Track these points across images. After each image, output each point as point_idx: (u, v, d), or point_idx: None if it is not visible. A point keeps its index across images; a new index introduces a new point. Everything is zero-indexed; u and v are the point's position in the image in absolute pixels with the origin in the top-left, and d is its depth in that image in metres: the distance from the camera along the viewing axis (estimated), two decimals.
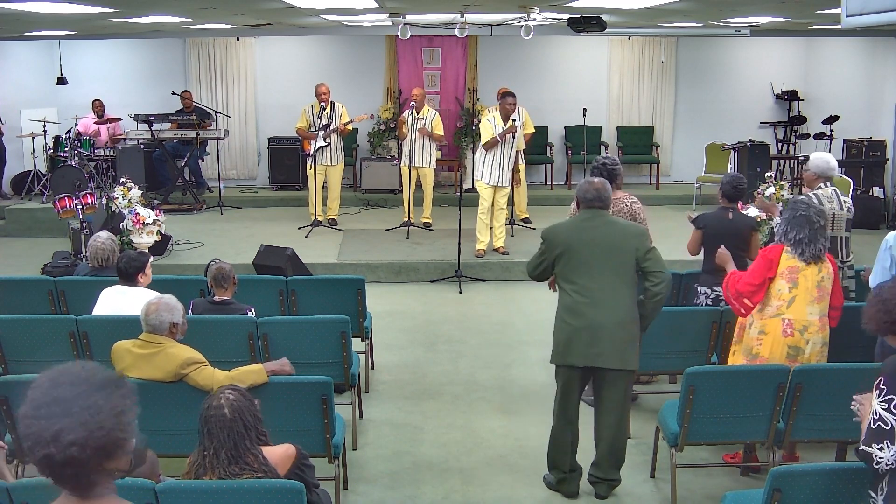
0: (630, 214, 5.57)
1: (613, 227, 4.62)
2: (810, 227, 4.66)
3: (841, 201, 5.64)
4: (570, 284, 4.56)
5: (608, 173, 5.56)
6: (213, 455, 3.16)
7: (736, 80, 13.61)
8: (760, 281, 4.71)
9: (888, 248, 4.86)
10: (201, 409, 3.23)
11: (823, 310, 4.71)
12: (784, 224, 4.77)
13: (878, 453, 2.94)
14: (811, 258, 4.65)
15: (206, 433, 3.18)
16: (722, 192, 5.81)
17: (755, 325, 4.79)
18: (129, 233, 8.75)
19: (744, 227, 5.75)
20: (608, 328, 4.48)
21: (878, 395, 2.99)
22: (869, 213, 10.82)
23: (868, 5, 3.10)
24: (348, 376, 5.29)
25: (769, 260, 4.71)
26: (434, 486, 4.89)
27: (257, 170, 13.57)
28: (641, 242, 4.58)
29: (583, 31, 8.99)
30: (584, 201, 4.66)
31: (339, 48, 13.29)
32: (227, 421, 3.14)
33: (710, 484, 4.88)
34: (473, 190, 11.27)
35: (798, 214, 4.72)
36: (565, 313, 4.58)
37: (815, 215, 4.70)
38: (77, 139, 11.48)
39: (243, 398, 3.24)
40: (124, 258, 5.29)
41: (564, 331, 4.57)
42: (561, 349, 4.60)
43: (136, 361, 4.19)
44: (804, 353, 4.64)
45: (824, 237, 4.72)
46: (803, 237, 4.66)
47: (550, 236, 4.67)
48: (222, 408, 3.17)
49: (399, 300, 8.57)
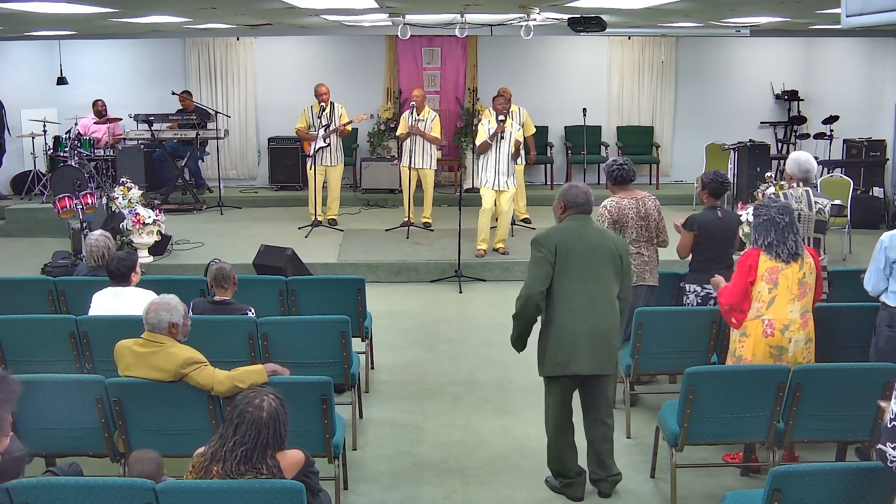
0: (658, 213, 5.86)
1: (603, 232, 4.67)
2: (775, 228, 4.64)
3: (811, 202, 5.53)
4: (569, 290, 4.47)
5: (626, 174, 5.81)
6: (230, 449, 3.17)
7: (736, 80, 13.61)
8: (742, 288, 4.69)
9: (883, 248, 4.85)
10: (238, 399, 3.26)
11: (805, 306, 4.70)
12: (753, 232, 4.79)
13: (891, 452, 2.95)
14: (788, 257, 4.63)
15: (234, 426, 3.19)
16: (708, 191, 5.81)
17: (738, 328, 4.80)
18: (129, 233, 8.75)
19: (734, 224, 5.84)
20: (607, 333, 4.49)
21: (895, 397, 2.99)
22: (869, 213, 10.81)
23: (868, 5, 3.10)
24: (348, 376, 5.29)
25: (747, 266, 4.69)
26: (434, 486, 4.89)
27: (257, 170, 13.56)
28: (626, 255, 4.64)
29: (583, 31, 8.99)
30: (575, 206, 4.58)
31: (339, 48, 13.28)
32: (260, 423, 3.18)
33: (710, 484, 4.87)
34: (473, 190, 11.30)
35: (762, 220, 4.71)
36: (564, 320, 4.47)
37: (777, 215, 4.66)
38: (77, 139, 11.48)
39: (282, 406, 3.27)
40: (114, 260, 5.26)
41: (565, 339, 4.47)
42: (562, 359, 4.50)
43: (137, 360, 4.19)
44: (788, 351, 4.64)
45: (794, 232, 4.67)
46: (772, 240, 4.64)
47: (550, 239, 4.51)
48: (262, 409, 3.19)
49: (399, 300, 8.57)
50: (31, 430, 4.21)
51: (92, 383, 4.27)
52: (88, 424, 4.27)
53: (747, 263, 4.70)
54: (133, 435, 4.33)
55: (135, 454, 3.65)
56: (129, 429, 4.31)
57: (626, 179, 5.84)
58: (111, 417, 4.29)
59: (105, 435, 4.30)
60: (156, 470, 3.47)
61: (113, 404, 4.25)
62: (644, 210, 5.80)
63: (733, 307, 4.73)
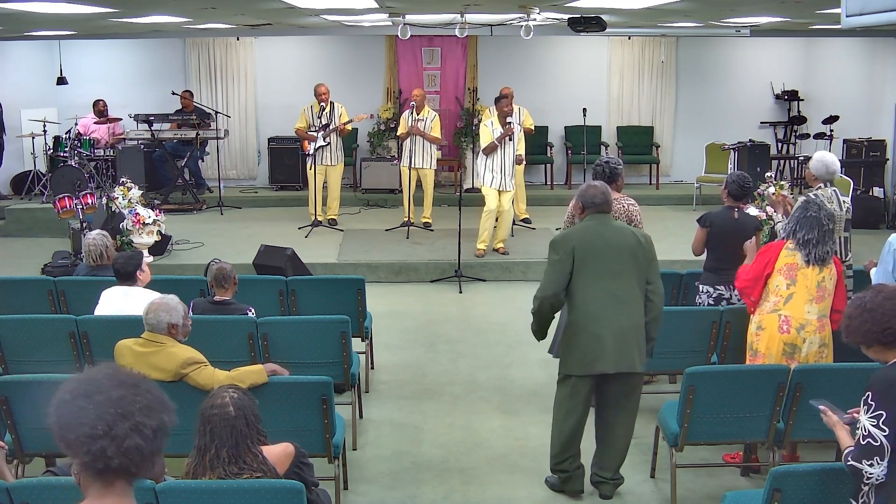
0: (627, 216, 5.50)
1: (624, 230, 4.61)
2: (819, 228, 4.65)
3: (840, 201, 5.58)
4: (591, 290, 4.47)
5: (610, 172, 5.56)
6: (215, 455, 3.15)
7: (736, 80, 13.60)
8: (756, 275, 4.74)
9: (892, 250, 4.83)
10: (202, 409, 3.23)
11: (823, 310, 4.68)
12: (794, 222, 4.74)
13: (868, 469, 2.89)
14: (816, 261, 4.63)
15: (208, 433, 3.17)
16: (728, 191, 5.75)
17: (754, 321, 4.81)
18: (129, 233, 8.75)
19: (749, 227, 5.74)
20: (631, 331, 4.48)
21: (865, 410, 2.93)
22: (869, 213, 10.81)
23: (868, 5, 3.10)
24: (348, 376, 5.29)
25: (767, 258, 4.72)
26: (434, 486, 4.89)
27: (257, 170, 13.56)
28: (651, 247, 4.60)
29: (583, 31, 8.99)
30: (592, 206, 4.58)
31: (339, 48, 13.28)
32: (231, 419, 3.14)
33: (710, 484, 4.88)
34: (473, 190, 11.30)
35: (809, 214, 4.69)
36: (587, 321, 4.47)
37: (825, 218, 4.69)
38: (77, 139, 11.48)
39: (246, 396, 3.25)
40: (120, 259, 5.27)
41: (589, 339, 4.48)
42: (588, 358, 4.49)
43: (137, 360, 4.19)
44: (801, 351, 4.64)
45: (832, 240, 4.72)
46: (812, 238, 4.64)
47: (568, 241, 4.52)
48: (227, 406, 3.17)
49: (399, 300, 8.57)
50: (31, 430, 4.21)
51: None
52: None
53: (767, 255, 4.74)
54: None
55: None
56: None
57: (613, 177, 5.69)
58: None
59: None
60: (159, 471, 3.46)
61: None
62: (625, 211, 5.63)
63: (744, 291, 4.81)
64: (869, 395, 2.94)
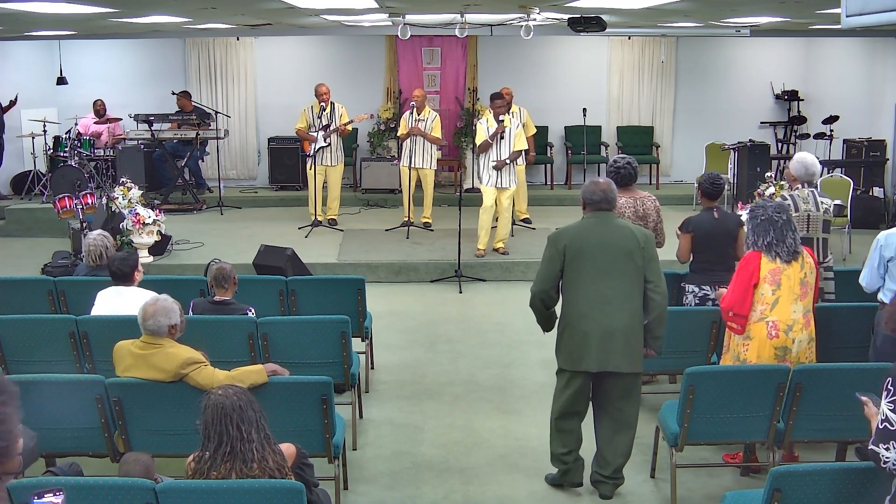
0: (657, 213, 5.82)
1: (623, 229, 4.57)
2: (773, 227, 4.65)
3: (818, 202, 5.59)
4: (581, 288, 4.49)
5: (633, 172, 5.86)
6: (227, 452, 3.15)
7: (736, 80, 13.60)
8: (742, 291, 4.67)
9: (879, 247, 4.88)
10: (201, 412, 3.24)
11: (807, 306, 4.71)
12: (751, 234, 4.77)
13: (884, 453, 2.94)
14: (789, 256, 4.64)
15: (208, 431, 3.17)
16: (702, 192, 5.89)
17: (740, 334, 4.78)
18: (129, 233, 8.75)
19: (732, 224, 5.80)
20: (620, 332, 4.47)
21: (885, 395, 2.99)
22: (869, 213, 10.80)
23: (868, 5, 3.10)
24: (348, 376, 5.29)
25: (750, 269, 4.69)
26: (434, 486, 4.89)
27: (257, 170, 13.56)
28: (650, 246, 4.57)
29: (583, 31, 8.99)
30: (591, 203, 4.58)
31: (339, 48, 13.28)
32: (227, 409, 3.15)
33: (710, 484, 4.88)
34: (473, 190, 11.30)
35: (759, 221, 4.71)
36: (575, 318, 4.50)
37: (773, 213, 4.67)
38: (77, 139, 11.48)
39: (242, 392, 3.25)
40: (116, 260, 5.26)
41: (575, 336, 4.51)
42: (574, 355, 4.52)
43: (137, 362, 4.19)
44: (792, 351, 4.65)
45: (792, 230, 4.68)
46: (771, 240, 4.65)
47: (560, 239, 4.53)
48: (222, 398, 3.18)
49: (399, 300, 8.57)
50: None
51: (92, 383, 4.28)
52: (88, 424, 4.27)
53: (749, 267, 4.69)
54: (133, 435, 4.33)
55: (125, 456, 3.65)
56: (129, 429, 4.31)
57: (629, 181, 5.85)
58: (111, 417, 4.29)
59: (105, 435, 4.30)
60: (143, 473, 3.44)
61: (113, 404, 4.25)
62: (643, 210, 5.80)
63: (734, 310, 4.71)
64: (889, 380, 3.00)
